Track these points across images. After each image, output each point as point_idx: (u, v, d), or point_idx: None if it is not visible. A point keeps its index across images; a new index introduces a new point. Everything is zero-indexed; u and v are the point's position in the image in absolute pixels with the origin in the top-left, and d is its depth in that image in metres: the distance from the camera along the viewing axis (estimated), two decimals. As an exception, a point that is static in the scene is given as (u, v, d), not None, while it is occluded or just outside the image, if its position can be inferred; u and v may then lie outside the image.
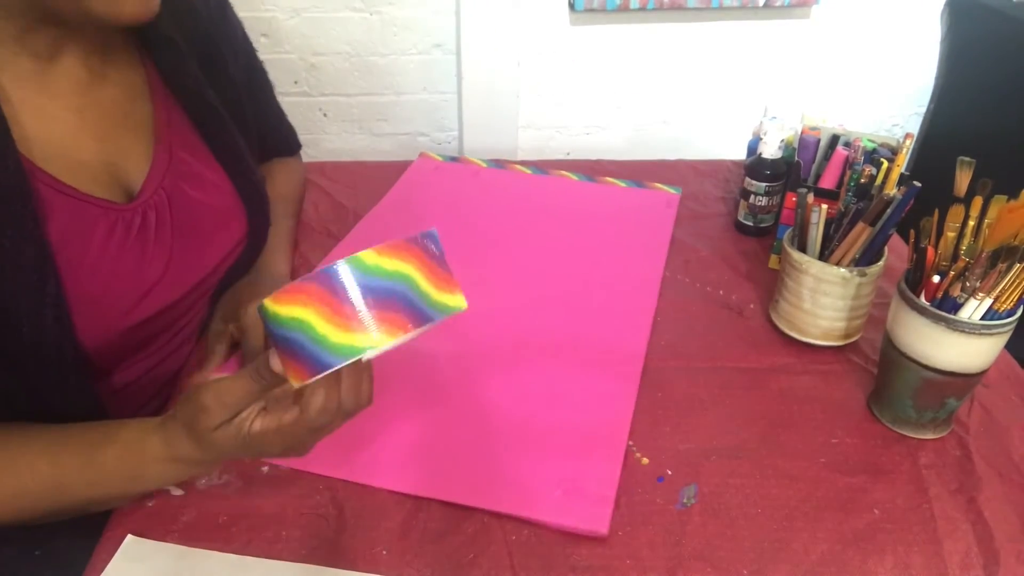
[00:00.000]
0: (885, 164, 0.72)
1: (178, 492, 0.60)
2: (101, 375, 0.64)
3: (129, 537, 0.56)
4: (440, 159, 1.12)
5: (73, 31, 0.59)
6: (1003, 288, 0.59)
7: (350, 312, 0.40)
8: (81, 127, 0.61)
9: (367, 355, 0.43)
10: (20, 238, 0.53)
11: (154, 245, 0.64)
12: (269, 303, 0.41)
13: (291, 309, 0.40)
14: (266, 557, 0.55)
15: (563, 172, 1.08)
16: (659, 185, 1.06)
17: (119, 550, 0.55)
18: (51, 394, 0.58)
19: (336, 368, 0.41)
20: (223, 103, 0.71)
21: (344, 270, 0.40)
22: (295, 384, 0.43)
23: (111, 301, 0.61)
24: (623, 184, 1.06)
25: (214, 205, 0.70)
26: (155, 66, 0.67)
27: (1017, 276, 0.58)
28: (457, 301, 0.44)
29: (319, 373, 0.41)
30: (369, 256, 0.41)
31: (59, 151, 0.59)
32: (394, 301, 0.41)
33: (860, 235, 0.70)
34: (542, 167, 1.10)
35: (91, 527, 0.58)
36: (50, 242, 0.55)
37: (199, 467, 0.56)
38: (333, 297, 0.40)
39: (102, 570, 0.54)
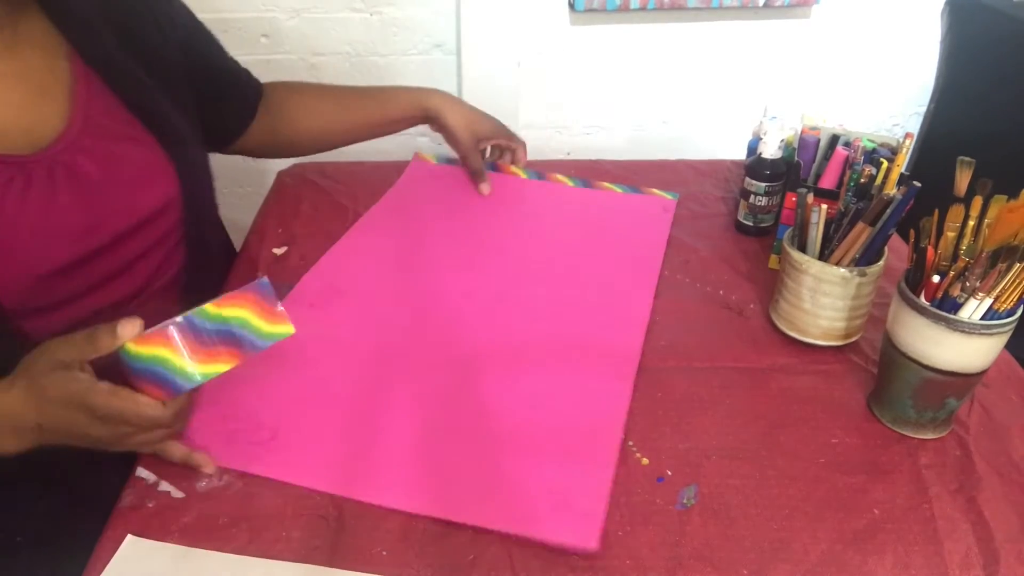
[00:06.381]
0: (885, 164, 0.72)
1: (179, 495, 0.60)
2: (24, 321, 0.66)
3: (129, 537, 0.56)
4: (434, 161, 1.12)
5: None
6: (1003, 288, 0.59)
7: (198, 349, 0.55)
8: None
9: (210, 377, 0.56)
10: None
11: (66, 196, 0.67)
12: (130, 345, 0.54)
13: (151, 349, 0.54)
14: (266, 557, 0.55)
15: (559, 176, 1.08)
16: (656, 191, 1.05)
17: (119, 550, 0.55)
18: None
19: (187, 391, 0.56)
20: (150, 73, 0.75)
21: (192, 319, 0.55)
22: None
23: (15, 250, 0.64)
24: (619, 190, 1.06)
25: (137, 159, 0.73)
26: (72, 45, 0.71)
27: (1017, 276, 0.58)
28: (286, 329, 0.59)
29: (174, 395, 0.56)
30: (212, 306, 0.56)
31: None
32: (232, 338, 0.57)
33: (860, 235, 0.70)
34: (540, 169, 1.09)
35: (91, 527, 0.58)
36: None
37: (16, 425, 0.57)
38: (184, 339, 0.55)
39: (102, 570, 0.54)
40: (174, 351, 0.54)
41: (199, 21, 0.88)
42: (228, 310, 0.57)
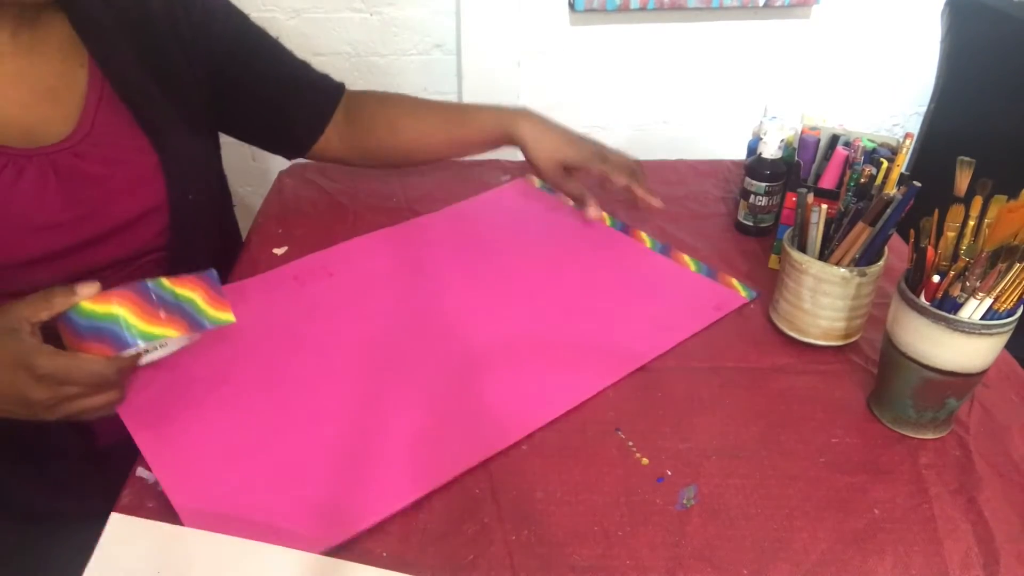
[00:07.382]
0: (885, 164, 0.72)
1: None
2: None
3: (113, 515, 0.56)
4: (537, 185, 1.06)
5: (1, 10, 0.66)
6: (1003, 288, 0.59)
7: (152, 312, 0.60)
8: (3, 91, 0.68)
9: (159, 343, 0.61)
10: None
11: (54, 193, 0.69)
12: (85, 304, 0.58)
13: (105, 307, 0.58)
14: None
15: (642, 234, 0.94)
16: (735, 282, 0.86)
17: (106, 530, 0.55)
18: None
19: (136, 349, 0.59)
20: (165, 89, 0.76)
21: (148, 285, 0.60)
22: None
23: None
24: (694, 268, 0.88)
25: (128, 166, 0.74)
26: (91, 53, 0.73)
27: (1017, 276, 0.58)
28: (228, 317, 0.65)
29: (123, 351, 0.58)
30: (167, 280, 0.62)
31: None
32: (180, 311, 0.62)
33: (860, 235, 0.70)
34: (627, 221, 0.97)
35: (91, 523, 0.58)
36: None
37: None
38: (139, 299, 0.59)
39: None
40: (128, 309, 0.58)
41: (254, 29, 0.88)
42: (180, 289, 0.63)
